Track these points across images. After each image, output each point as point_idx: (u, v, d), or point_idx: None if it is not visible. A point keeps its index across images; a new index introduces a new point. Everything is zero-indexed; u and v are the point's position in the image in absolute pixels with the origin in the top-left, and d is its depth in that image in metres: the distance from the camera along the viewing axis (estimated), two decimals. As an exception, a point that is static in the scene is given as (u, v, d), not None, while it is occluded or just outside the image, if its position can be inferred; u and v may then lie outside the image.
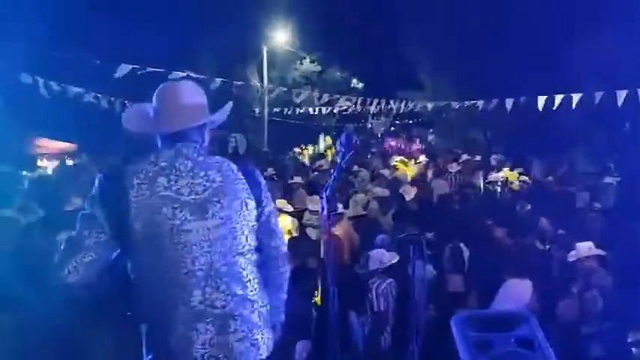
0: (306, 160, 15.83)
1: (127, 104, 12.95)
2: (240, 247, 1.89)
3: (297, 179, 9.01)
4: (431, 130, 21.15)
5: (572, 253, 5.56)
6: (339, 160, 2.53)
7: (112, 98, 12.09)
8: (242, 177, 1.94)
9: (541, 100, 9.05)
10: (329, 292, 2.30)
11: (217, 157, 1.98)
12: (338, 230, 5.58)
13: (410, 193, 7.87)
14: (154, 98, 2.05)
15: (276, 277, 2.07)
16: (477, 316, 2.59)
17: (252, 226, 1.95)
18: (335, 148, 14.95)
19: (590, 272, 5.50)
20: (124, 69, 9.14)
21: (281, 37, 18.57)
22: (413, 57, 19.50)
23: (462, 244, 6.51)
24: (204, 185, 1.88)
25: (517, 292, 4.41)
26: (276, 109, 18.19)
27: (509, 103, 9.86)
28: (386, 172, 10.05)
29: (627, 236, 7.08)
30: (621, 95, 7.91)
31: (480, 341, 2.42)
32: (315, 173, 10.78)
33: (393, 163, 12.15)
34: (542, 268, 6.05)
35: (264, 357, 1.89)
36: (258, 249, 2.01)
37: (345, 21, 19.13)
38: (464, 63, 16.44)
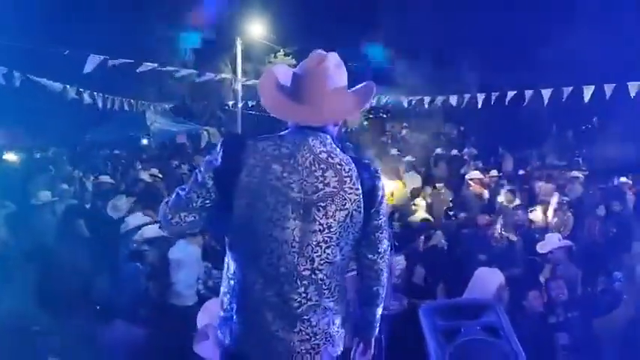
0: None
1: (96, 96, 12.74)
2: (332, 256, 1.81)
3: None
4: (404, 125, 21.29)
5: (541, 244, 5.69)
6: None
7: (81, 89, 11.86)
8: (359, 186, 1.81)
9: (511, 96, 9.19)
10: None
11: (342, 156, 1.84)
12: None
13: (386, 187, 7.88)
14: (297, 72, 1.87)
15: (368, 291, 2.00)
16: (444, 305, 2.62)
17: (353, 236, 1.86)
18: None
19: (557, 262, 5.65)
20: (93, 61, 8.95)
21: (255, 29, 18.40)
22: (387, 51, 19.60)
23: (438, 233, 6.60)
24: (316, 187, 1.77)
25: (486, 282, 4.48)
26: (251, 103, 18.05)
27: (480, 98, 9.98)
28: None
29: (592, 228, 7.28)
30: (589, 90, 8.08)
31: (447, 329, 2.46)
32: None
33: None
34: (512, 259, 6.17)
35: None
36: (357, 257, 1.96)
37: (319, 15, 19.13)
38: (437, 58, 16.59)
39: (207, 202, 1.81)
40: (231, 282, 1.86)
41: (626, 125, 13.27)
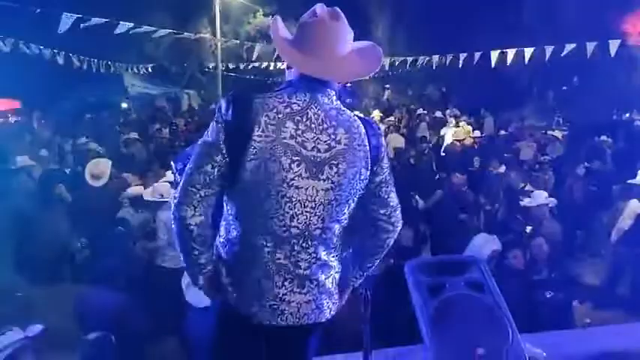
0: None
1: (72, 57, 12.39)
2: (341, 214, 1.80)
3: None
4: (387, 86, 21.19)
5: (528, 200, 5.76)
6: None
7: (55, 51, 11.52)
8: (366, 143, 1.79)
9: (494, 55, 9.15)
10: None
11: (349, 113, 1.81)
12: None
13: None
14: (306, 22, 1.79)
15: (378, 242, 1.94)
16: (429, 262, 2.67)
17: (359, 194, 1.84)
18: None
19: (541, 220, 5.73)
20: (67, 20, 8.64)
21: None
22: (368, 12, 19.32)
23: (417, 196, 6.65)
24: (329, 144, 1.74)
25: (481, 247, 4.55)
26: (231, 65, 17.73)
27: (462, 58, 9.93)
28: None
29: (573, 185, 7.40)
30: (569, 48, 8.08)
31: (432, 285, 2.50)
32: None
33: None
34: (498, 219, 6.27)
35: (323, 320, 1.86)
36: (366, 215, 1.91)
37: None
38: (419, 19, 16.40)
39: (223, 168, 1.72)
40: (235, 248, 1.80)
41: (606, 84, 13.39)
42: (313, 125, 1.73)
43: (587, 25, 10.73)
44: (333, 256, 1.84)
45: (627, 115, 13.04)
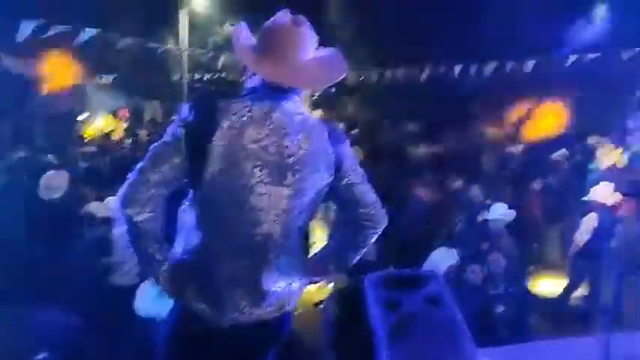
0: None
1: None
2: (301, 221, 1.78)
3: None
4: (352, 98, 21.36)
5: (486, 212, 5.87)
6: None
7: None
8: (330, 148, 1.77)
9: (457, 69, 9.34)
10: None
11: (313, 119, 1.81)
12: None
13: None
14: (268, 28, 1.78)
15: (355, 241, 1.93)
16: (388, 277, 2.67)
17: (321, 201, 1.83)
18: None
19: (498, 234, 5.84)
20: (26, 27, 8.38)
21: (201, 0, 17.89)
22: (334, 24, 19.48)
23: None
24: (292, 150, 1.72)
25: (439, 261, 4.61)
26: (197, 75, 17.57)
27: (425, 72, 10.10)
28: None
29: (530, 200, 7.57)
30: (531, 64, 8.31)
31: (391, 300, 2.50)
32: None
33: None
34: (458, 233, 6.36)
35: (285, 329, 1.87)
36: (347, 217, 1.90)
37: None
38: (383, 32, 16.61)
39: (179, 172, 1.68)
40: (196, 257, 1.76)
41: (564, 98, 13.80)
42: (276, 130, 1.71)
43: (540, 40, 11.08)
44: (296, 264, 1.82)
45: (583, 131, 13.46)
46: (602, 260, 2.60)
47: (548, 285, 6.54)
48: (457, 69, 9.31)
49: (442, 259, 4.42)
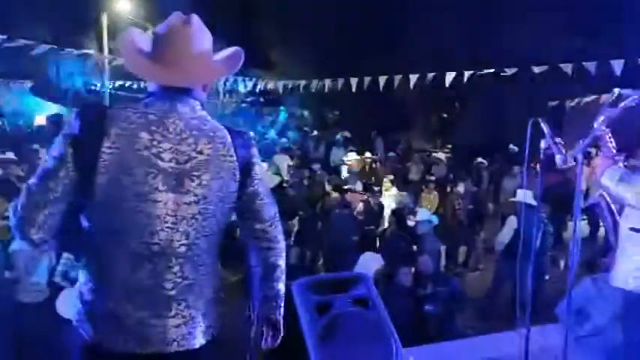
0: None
1: None
2: (208, 229, 1.69)
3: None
4: (281, 108, 21.39)
5: (412, 217, 6.03)
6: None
7: None
8: (233, 154, 1.70)
9: (382, 80, 9.55)
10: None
11: (214, 123, 1.71)
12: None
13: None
14: (159, 33, 1.72)
15: (265, 263, 1.85)
16: (316, 281, 2.66)
17: (229, 208, 1.74)
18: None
19: (424, 237, 6.01)
20: None
21: (122, 4, 17.32)
22: (264, 35, 19.47)
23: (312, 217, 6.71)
24: (189, 155, 1.64)
25: (367, 265, 4.67)
26: (119, 83, 16.97)
27: (353, 82, 10.25)
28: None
29: (455, 204, 7.85)
30: (450, 76, 8.64)
31: (320, 304, 2.50)
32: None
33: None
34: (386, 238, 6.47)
35: (197, 346, 1.69)
36: (244, 231, 1.83)
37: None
38: (313, 42, 16.79)
39: (69, 185, 1.59)
40: (93, 268, 1.67)
41: (485, 109, 14.51)
42: (171, 135, 1.64)
43: (465, 53, 11.63)
44: (205, 276, 1.72)
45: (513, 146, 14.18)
46: (522, 259, 2.72)
47: (473, 283, 6.79)
48: (382, 80, 9.51)
49: (368, 263, 4.49)
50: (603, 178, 2.61)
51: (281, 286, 1.91)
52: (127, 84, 16.65)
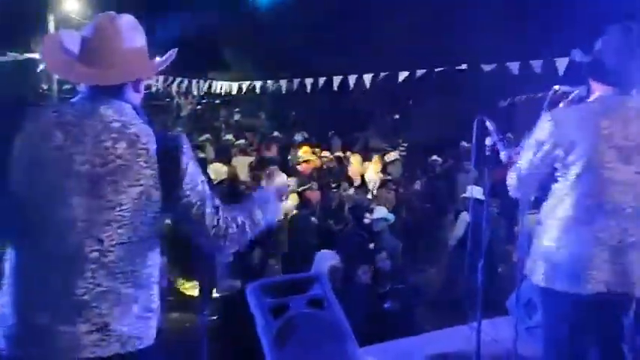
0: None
1: None
2: (125, 237, 1.62)
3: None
4: (237, 110, 21.23)
5: (368, 215, 6.09)
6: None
7: None
8: (155, 161, 1.63)
9: (336, 81, 9.62)
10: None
11: (142, 127, 1.64)
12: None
13: (219, 172, 7.86)
14: (84, 32, 1.68)
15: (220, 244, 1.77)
16: (271, 283, 2.65)
17: (154, 217, 1.67)
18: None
19: (381, 234, 6.07)
20: None
21: (69, 4, 16.79)
22: (219, 36, 19.26)
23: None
24: (106, 159, 1.58)
25: (321, 263, 4.67)
26: (68, 86, 16.46)
27: (308, 82, 10.28)
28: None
29: (411, 202, 7.97)
30: (402, 75, 8.78)
31: (275, 306, 2.48)
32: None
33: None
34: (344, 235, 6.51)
35: (111, 354, 1.62)
36: (203, 245, 1.77)
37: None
38: (268, 43, 16.73)
39: None
40: (7, 270, 1.63)
41: (438, 107, 14.78)
42: (86, 138, 1.60)
43: (417, 52, 11.81)
44: (125, 285, 1.66)
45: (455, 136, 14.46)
46: (472, 253, 2.79)
47: (431, 279, 6.91)
48: (337, 80, 9.58)
49: (322, 261, 4.51)
50: None
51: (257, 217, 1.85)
52: (76, 87, 16.21)
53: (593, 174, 2.03)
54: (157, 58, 1.82)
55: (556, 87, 2.26)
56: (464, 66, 8.65)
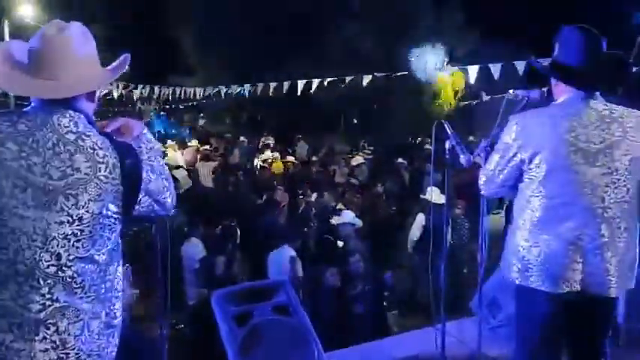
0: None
1: None
2: (83, 251, 1.57)
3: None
4: (201, 115, 21.05)
5: (336, 217, 6.07)
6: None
7: None
8: (117, 175, 1.60)
9: (300, 84, 9.63)
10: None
11: (98, 138, 1.59)
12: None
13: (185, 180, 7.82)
14: (32, 43, 1.62)
15: None
16: (237, 291, 2.62)
17: (113, 230, 1.63)
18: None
19: (348, 237, 6.07)
20: None
21: (25, 9, 16.34)
22: (182, 42, 19.05)
23: (233, 224, 6.60)
24: (63, 171, 1.54)
25: (277, 261, 4.66)
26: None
27: (272, 86, 10.26)
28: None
29: (376, 204, 8.01)
30: (367, 79, 8.85)
31: (240, 314, 2.45)
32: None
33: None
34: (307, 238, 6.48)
35: None
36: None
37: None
38: (231, 48, 16.64)
39: None
40: None
41: (400, 111, 14.96)
42: (42, 149, 1.56)
43: (378, 57, 11.96)
44: (84, 300, 1.62)
45: (419, 139, 14.65)
46: (433, 255, 2.82)
47: (398, 281, 6.93)
48: (301, 84, 9.59)
49: (278, 258, 4.50)
50: None
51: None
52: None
53: (559, 176, 2.06)
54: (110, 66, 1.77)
55: (511, 91, 2.30)
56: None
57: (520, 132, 2.11)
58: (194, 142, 13.89)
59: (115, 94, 14.31)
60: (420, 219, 5.94)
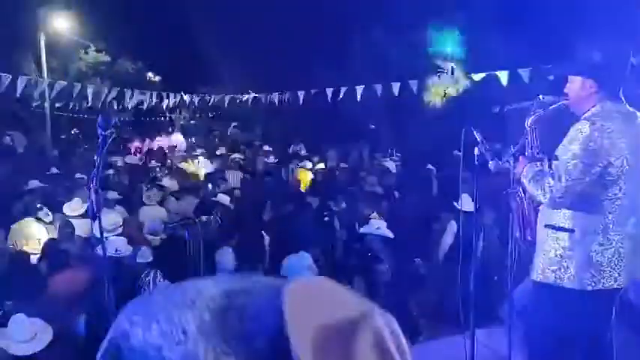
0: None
1: None
2: None
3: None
4: (234, 124, 21.24)
5: (365, 226, 6.05)
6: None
7: None
8: None
9: (329, 92, 9.66)
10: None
11: None
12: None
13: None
14: None
15: None
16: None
17: None
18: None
19: (376, 246, 6.04)
20: None
21: (60, 22, 16.82)
22: (212, 51, 19.32)
23: (262, 232, 6.65)
24: None
25: (293, 268, 4.65)
26: (59, 104, 16.45)
27: (301, 95, 10.32)
28: (184, 166, 9.90)
29: (406, 212, 7.95)
30: (396, 87, 8.83)
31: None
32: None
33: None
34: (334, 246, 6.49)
35: None
36: None
37: (134, 8, 18.06)
38: (260, 57, 16.80)
39: None
40: None
41: (430, 119, 14.85)
42: None
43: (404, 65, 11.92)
44: None
45: (457, 152, 14.47)
46: (463, 262, 2.79)
47: (428, 290, 6.85)
48: (329, 92, 9.63)
49: (293, 264, 4.49)
50: (522, 176, 2.69)
51: None
52: (69, 104, 16.19)
53: (632, 183, 2.15)
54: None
55: (540, 97, 2.28)
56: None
57: (600, 138, 2.16)
58: (223, 151, 14.05)
59: (146, 105, 14.58)
60: (452, 226, 5.87)
